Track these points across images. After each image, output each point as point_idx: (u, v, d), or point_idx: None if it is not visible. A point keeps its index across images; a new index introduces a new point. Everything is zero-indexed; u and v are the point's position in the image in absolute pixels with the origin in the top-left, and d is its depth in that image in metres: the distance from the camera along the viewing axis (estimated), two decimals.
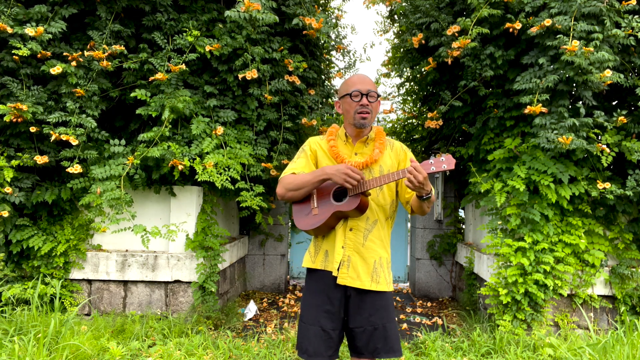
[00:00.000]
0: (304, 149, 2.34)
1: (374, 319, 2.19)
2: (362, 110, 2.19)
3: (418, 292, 6.28)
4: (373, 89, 2.21)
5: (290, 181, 2.19)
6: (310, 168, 2.27)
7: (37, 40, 3.93)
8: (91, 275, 4.52)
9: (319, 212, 2.16)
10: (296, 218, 2.23)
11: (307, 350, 2.18)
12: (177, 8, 4.50)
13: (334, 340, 2.20)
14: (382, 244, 2.26)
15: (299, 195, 2.19)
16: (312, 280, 2.30)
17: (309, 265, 2.30)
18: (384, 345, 2.18)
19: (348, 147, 2.30)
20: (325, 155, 2.29)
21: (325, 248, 2.25)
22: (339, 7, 6.31)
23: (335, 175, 2.07)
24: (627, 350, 3.40)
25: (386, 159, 2.27)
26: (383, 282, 2.23)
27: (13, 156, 4.11)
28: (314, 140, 2.35)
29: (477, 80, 4.43)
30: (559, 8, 3.81)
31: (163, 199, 4.68)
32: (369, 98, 2.19)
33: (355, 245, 2.20)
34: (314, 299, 2.24)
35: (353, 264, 2.19)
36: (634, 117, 4.13)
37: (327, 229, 2.20)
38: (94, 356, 3.57)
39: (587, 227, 4.26)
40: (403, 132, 6.84)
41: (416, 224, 6.35)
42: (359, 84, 2.21)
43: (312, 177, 2.15)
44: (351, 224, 2.20)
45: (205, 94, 4.52)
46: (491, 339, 4.06)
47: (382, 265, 2.24)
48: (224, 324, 4.57)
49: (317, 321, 2.20)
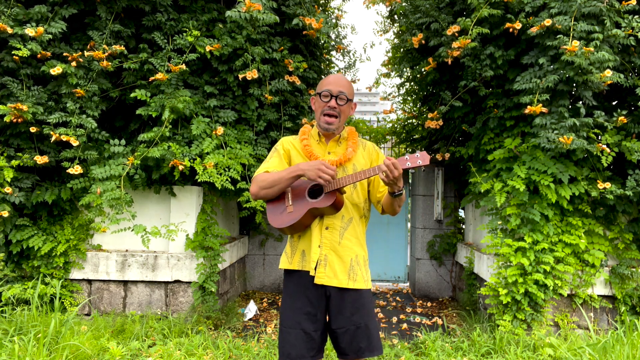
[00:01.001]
0: (276, 148, 2.32)
1: (355, 318, 2.18)
2: (329, 112, 2.18)
3: (418, 292, 6.28)
4: (345, 91, 2.19)
5: (263, 179, 2.17)
6: (283, 167, 2.25)
7: (37, 41, 3.93)
8: (91, 275, 4.52)
9: (294, 210, 2.15)
10: (270, 216, 2.20)
11: (289, 354, 2.16)
12: (177, 8, 4.50)
13: (316, 341, 2.19)
14: (358, 242, 2.26)
15: (272, 192, 2.17)
16: (290, 282, 2.28)
17: (285, 266, 2.27)
18: (367, 345, 2.18)
19: (321, 147, 2.29)
20: (298, 154, 2.28)
21: (301, 248, 2.23)
22: (339, 7, 6.32)
23: (309, 170, 2.06)
24: (627, 350, 3.40)
25: (359, 157, 2.28)
26: (360, 280, 2.22)
27: (13, 156, 4.11)
28: (287, 139, 2.35)
29: (477, 80, 4.43)
30: (559, 8, 3.81)
31: (163, 199, 4.68)
32: (339, 100, 2.18)
33: (332, 243, 2.19)
34: (294, 302, 2.22)
35: (330, 262, 2.18)
36: (634, 117, 4.13)
37: (302, 227, 2.18)
38: (94, 356, 3.57)
39: (587, 227, 4.26)
40: (403, 132, 6.84)
41: (416, 224, 6.35)
42: (332, 84, 2.20)
43: (286, 174, 2.13)
44: (327, 222, 2.19)
45: (206, 94, 4.52)
46: (491, 339, 4.06)
47: (358, 263, 2.24)
48: (224, 324, 4.57)
49: (298, 324, 2.17)
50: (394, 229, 6.99)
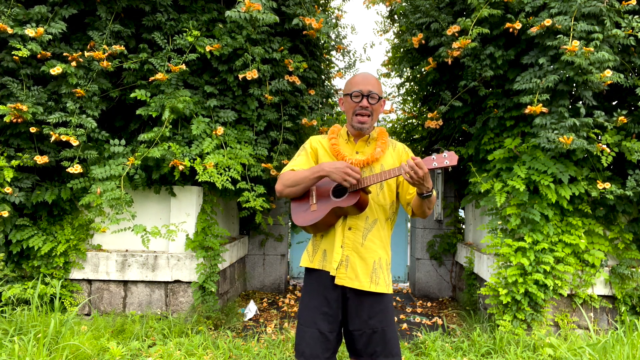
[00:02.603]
0: (304, 147, 2.33)
1: (372, 322, 2.16)
2: (361, 112, 2.17)
3: (418, 292, 6.28)
4: (375, 90, 2.17)
5: (288, 177, 2.19)
6: (310, 165, 2.25)
7: (37, 41, 3.93)
8: (91, 275, 4.52)
9: (317, 208, 2.15)
10: (294, 214, 2.21)
11: (303, 352, 2.16)
12: (177, 8, 4.50)
13: (331, 342, 2.18)
14: (382, 245, 2.23)
15: (296, 191, 2.17)
16: (309, 280, 2.28)
17: (306, 264, 2.27)
18: (383, 349, 2.16)
19: (350, 146, 2.27)
20: (326, 153, 2.27)
21: (323, 247, 2.22)
22: (339, 7, 6.32)
23: (333, 172, 2.05)
24: (627, 350, 3.40)
25: (388, 158, 2.25)
26: (382, 284, 2.19)
27: (13, 156, 4.11)
28: (315, 139, 2.34)
29: (477, 80, 4.43)
30: (559, 8, 3.81)
31: (163, 199, 4.68)
32: (370, 100, 2.16)
33: (354, 244, 2.17)
34: (312, 301, 2.22)
35: (352, 264, 2.16)
36: (634, 117, 4.13)
37: (325, 226, 2.18)
38: (94, 356, 3.57)
39: (587, 227, 4.26)
40: (403, 132, 6.84)
41: (416, 224, 6.35)
42: (361, 84, 2.18)
43: (309, 173, 2.13)
44: (350, 222, 2.18)
45: (206, 94, 4.52)
46: (491, 339, 4.06)
47: (381, 266, 2.21)
48: (224, 324, 4.57)
49: (314, 323, 2.17)
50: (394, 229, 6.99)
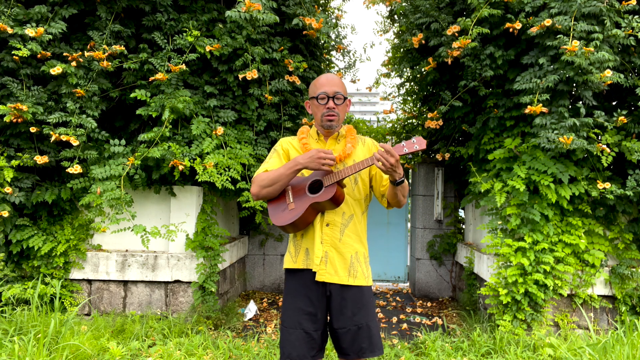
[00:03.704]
0: (275, 149, 2.34)
1: (357, 318, 2.19)
2: (329, 114, 2.21)
3: (418, 292, 6.28)
4: (340, 91, 2.22)
5: (263, 178, 2.19)
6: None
7: (37, 41, 3.93)
8: (91, 275, 4.52)
9: (295, 206, 2.15)
10: (273, 215, 2.20)
11: (290, 354, 2.17)
12: (177, 8, 4.50)
13: (316, 341, 2.20)
14: (359, 239, 2.27)
15: (273, 190, 2.18)
16: (291, 281, 2.28)
17: (290, 265, 2.27)
18: (369, 345, 2.19)
19: (320, 144, 2.31)
20: (297, 153, 2.29)
21: (305, 246, 2.24)
22: (339, 7, 6.31)
23: (309, 162, 2.08)
24: (627, 350, 3.40)
25: (359, 153, 2.29)
26: (361, 277, 2.23)
27: (13, 156, 4.11)
28: (286, 140, 2.37)
29: (477, 80, 4.43)
30: (559, 8, 3.81)
31: (163, 199, 4.68)
32: (336, 100, 2.21)
33: (332, 240, 2.20)
34: (295, 302, 2.23)
35: (330, 259, 2.19)
36: (634, 117, 4.13)
37: (304, 224, 2.18)
38: (94, 356, 3.57)
39: (587, 227, 4.26)
40: (403, 132, 6.84)
41: (416, 224, 6.35)
42: (326, 85, 2.22)
43: (285, 170, 2.14)
44: (328, 219, 2.20)
45: (206, 94, 4.52)
46: (491, 339, 4.06)
47: (358, 259, 2.25)
48: (224, 324, 4.57)
49: (299, 324, 2.18)
50: (394, 229, 6.99)
